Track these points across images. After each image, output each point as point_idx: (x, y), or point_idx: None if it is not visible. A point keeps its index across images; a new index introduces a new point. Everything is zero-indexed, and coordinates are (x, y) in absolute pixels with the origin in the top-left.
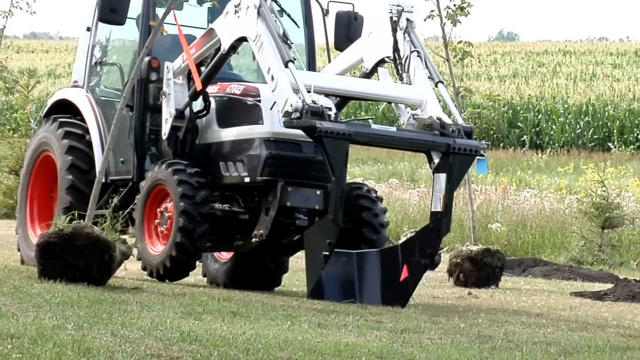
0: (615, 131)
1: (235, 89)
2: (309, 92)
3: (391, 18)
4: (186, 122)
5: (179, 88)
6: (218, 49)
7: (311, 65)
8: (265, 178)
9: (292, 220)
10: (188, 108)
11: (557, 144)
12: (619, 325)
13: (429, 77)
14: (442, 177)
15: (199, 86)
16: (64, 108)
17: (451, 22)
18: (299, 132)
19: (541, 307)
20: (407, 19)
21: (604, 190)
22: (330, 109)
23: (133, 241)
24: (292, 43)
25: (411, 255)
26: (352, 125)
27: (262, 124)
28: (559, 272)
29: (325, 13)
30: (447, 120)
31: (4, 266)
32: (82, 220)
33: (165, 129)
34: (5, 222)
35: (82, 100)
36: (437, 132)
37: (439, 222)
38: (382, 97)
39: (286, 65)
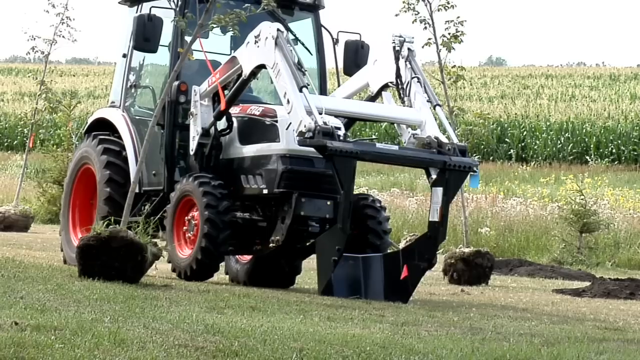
0: (592, 146)
1: (255, 110)
2: (320, 114)
3: (394, 47)
4: (211, 139)
5: (205, 109)
6: (240, 75)
7: (322, 88)
8: (281, 190)
9: (305, 227)
10: (213, 127)
11: (540, 158)
12: (595, 319)
13: (427, 101)
14: (439, 190)
15: (223, 106)
16: (103, 125)
17: (446, 49)
18: (312, 149)
19: (526, 302)
20: (409, 49)
21: (582, 199)
22: (339, 128)
23: (163, 244)
24: (305, 70)
25: (411, 259)
26: (359, 144)
27: (279, 142)
28: (542, 271)
29: (335, 42)
30: (444, 140)
31: (48, 266)
32: (117, 226)
33: (193, 146)
34: (50, 226)
35: (119, 119)
36: (434, 150)
37: (436, 231)
38: (385, 119)
39: (300, 90)
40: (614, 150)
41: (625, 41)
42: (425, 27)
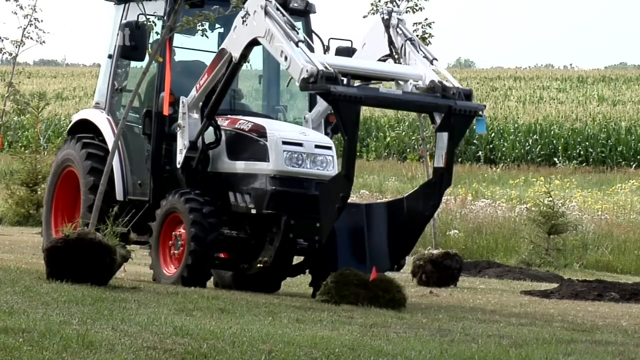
0: (560, 148)
1: (244, 124)
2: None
3: (382, 18)
4: (199, 153)
5: (193, 121)
6: (229, 64)
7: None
8: (270, 211)
9: (294, 247)
10: (200, 140)
11: (508, 159)
12: (563, 320)
13: (424, 57)
14: (444, 135)
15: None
16: (86, 127)
17: None
18: (302, 169)
19: (495, 304)
20: (398, 18)
21: (550, 200)
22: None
23: (133, 247)
24: (298, 29)
25: (415, 207)
26: (363, 89)
27: (268, 161)
28: (510, 273)
29: (326, 49)
30: (448, 84)
31: (16, 268)
32: (85, 227)
33: (180, 159)
34: (18, 228)
35: (103, 122)
36: (438, 94)
37: (441, 177)
38: (385, 74)
39: (297, 45)
40: (581, 152)
41: (593, 44)
42: None
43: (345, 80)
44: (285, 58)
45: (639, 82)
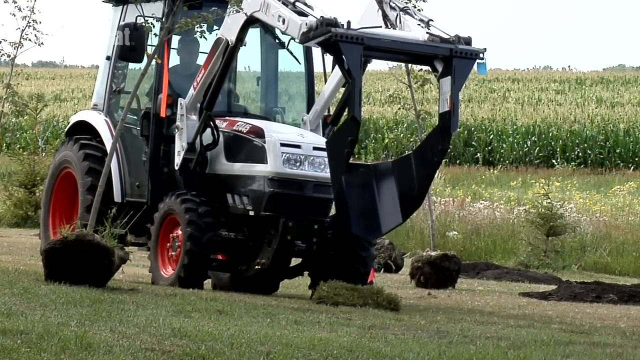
0: (558, 149)
1: (242, 126)
2: None
3: None
4: (197, 155)
5: (191, 123)
6: (226, 48)
7: (310, 93)
8: (268, 213)
9: (292, 249)
10: (198, 141)
11: (507, 161)
12: (562, 322)
13: (419, 20)
14: (447, 80)
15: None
16: (84, 128)
17: None
18: (300, 171)
19: (493, 306)
20: None
21: (548, 202)
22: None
23: (132, 249)
24: None
25: (424, 157)
26: (364, 32)
27: (266, 163)
28: (508, 274)
29: (325, 52)
30: (446, 36)
31: (14, 269)
32: (84, 229)
33: (178, 160)
34: (16, 230)
35: (101, 124)
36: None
37: (448, 120)
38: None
39: (294, 5)
40: (580, 154)
41: (591, 45)
42: None
43: (345, 24)
44: (283, 21)
45: (637, 84)
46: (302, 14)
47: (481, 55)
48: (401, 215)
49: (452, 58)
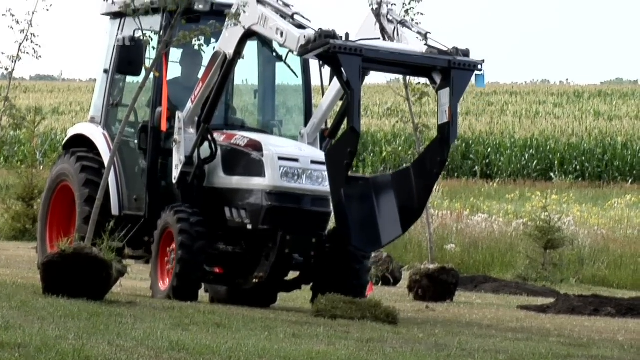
0: (556, 162)
1: (240, 140)
2: None
3: (372, 9)
4: (194, 168)
5: (188, 136)
6: (224, 62)
7: (308, 106)
8: (266, 227)
9: (290, 263)
10: (196, 155)
11: (505, 174)
12: (560, 335)
13: (417, 33)
14: (446, 92)
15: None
16: (81, 141)
17: None
18: (298, 185)
19: (491, 319)
20: (388, 8)
21: (546, 215)
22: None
23: (130, 262)
24: (292, 5)
25: (422, 170)
26: (363, 43)
27: (264, 177)
28: (506, 287)
29: (323, 65)
30: (444, 48)
31: (12, 282)
32: (81, 242)
33: (176, 174)
34: (14, 243)
35: (99, 137)
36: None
37: (447, 132)
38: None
39: (292, 17)
40: (578, 167)
41: (589, 59)
42: None
43: (343, 37)
44: (282, 34)
45: (635, 97)
46: (300, 26)
47: (479, 66)
48: (401, 227)
49: (451, 69)
